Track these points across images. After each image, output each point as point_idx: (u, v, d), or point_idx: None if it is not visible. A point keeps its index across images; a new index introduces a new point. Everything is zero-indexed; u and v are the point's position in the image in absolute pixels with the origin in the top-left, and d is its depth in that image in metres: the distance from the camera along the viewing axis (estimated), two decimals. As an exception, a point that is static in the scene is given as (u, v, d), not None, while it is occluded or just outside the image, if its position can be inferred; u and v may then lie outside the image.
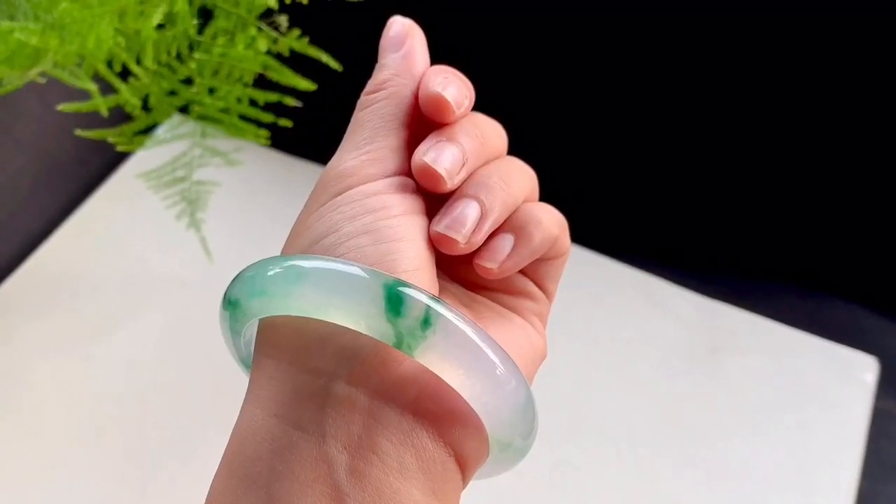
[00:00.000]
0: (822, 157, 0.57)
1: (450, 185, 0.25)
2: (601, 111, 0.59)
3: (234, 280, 0.24)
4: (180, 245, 0.53)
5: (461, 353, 0.22)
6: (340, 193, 0.24)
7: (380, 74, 0.27)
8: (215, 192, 0.46)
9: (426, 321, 0.21)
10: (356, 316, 0.22)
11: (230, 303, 0.24)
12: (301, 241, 0.24)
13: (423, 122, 0.26)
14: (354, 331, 0.22)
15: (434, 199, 0.26)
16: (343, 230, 0.23)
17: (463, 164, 0.25)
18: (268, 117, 0.44)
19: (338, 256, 0.23)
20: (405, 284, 0.22)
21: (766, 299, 0.59)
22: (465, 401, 0.22)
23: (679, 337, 0.57)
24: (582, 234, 0.61)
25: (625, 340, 0.56)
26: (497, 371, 0.22)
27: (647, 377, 0.55)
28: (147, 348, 0.54)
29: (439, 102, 0.25)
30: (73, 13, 0.40)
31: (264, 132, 0.44)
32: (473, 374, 0.22)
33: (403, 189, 0.25)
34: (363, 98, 0.27)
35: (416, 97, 0.26)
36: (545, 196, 0.27)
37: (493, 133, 0.27)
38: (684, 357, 0.56)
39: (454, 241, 0.24)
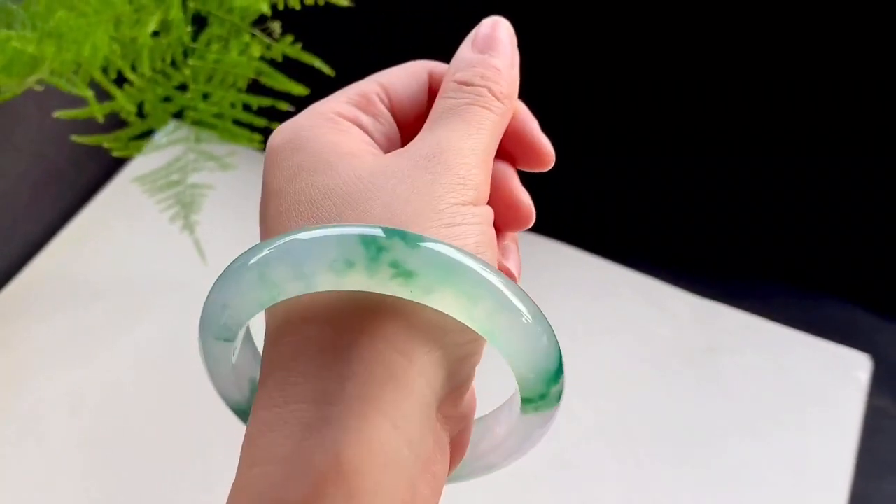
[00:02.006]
0: (815, 157, 0.57)
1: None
2: (597, 113, 0.60)
3: (399, 239, 0.20)
4: (178, 249, 0.53)
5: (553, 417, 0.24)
6: (477, 205, 0.23)
7: (500, 81, 0.25)
8: (209, 195, 0.47)
9: (560, 394, 0.23)
10: (530, 368, 0.22)
11: (395, 265, 0.20)
12: (447, 233, 0.22)
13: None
14: (466, 360, 0.22)
15: None
16: (486, 256, 0.23)
17: None
18: (261, 122, 0.44)
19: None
20: (562, 358, 0.23)
21: (761, 299, 0.59)
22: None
23: (675, 337, 0.57)
24: (579, 237, 0.61)
25: (622, 340, 0.57)
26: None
27: (643, 377, 0.55)
28: (147, 352, 0.55)
29: (551, 159, 0.27)
30: (70, 22, 0.40)
31: (258, 136, 0.45)
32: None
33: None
34: (485, 93, 0.25)
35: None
36: (544, 198, 0.27)
37: None
38: (681, 357, 0.56)
39: (517, 282, 0.25)
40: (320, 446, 0.20)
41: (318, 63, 0.42)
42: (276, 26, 0.43)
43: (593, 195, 0.63)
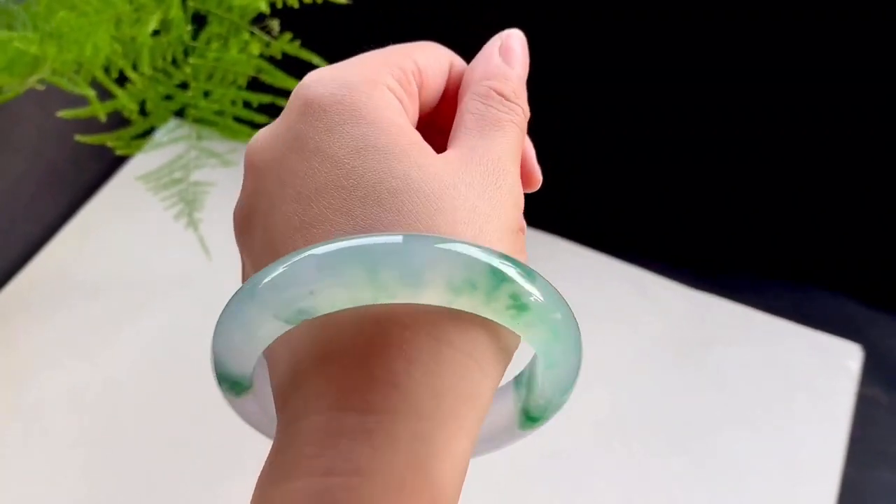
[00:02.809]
0: (806, 151, 0.58)
1: None
2: (594, 109, 0.60)
3: (517, 271, 0.20)
4: (180, 246, 0.54)
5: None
6: (524, 230, 0.24)
7: (524, 104, 0.25)
8: (211, 192, 0.47)
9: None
10: (559, 391, 0.23)
11: (515, 297, 0.20)
12: (505, 246, 0.22)
13: None
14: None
15: None
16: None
17: None
18: (262, 119, 0.45)
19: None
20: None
21: (754, 291, 0.60)
22: None
23: (669, 329, 0.58)
24: (574, 230, 0.62)
25: (616, 333, 0.57)
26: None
27: (637, 368, 0.56)
28: (149, 349, 0.55)
29: (538, 185, 0.27)
30: (71, 22, 0.41)
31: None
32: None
33: None
34: (521, 116, 0.25)
35: None
36: (538, 192, 0.28)
37: None
38: (674, 348, 0.57)
39: None
40: (416, 462, 0.19)
41: (316, 60, 0.42)
42: (274, 24, 0.44)
43: (588, 189, 0.64)
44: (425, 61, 0.25)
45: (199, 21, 0.44)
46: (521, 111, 0.25)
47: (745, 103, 0.57)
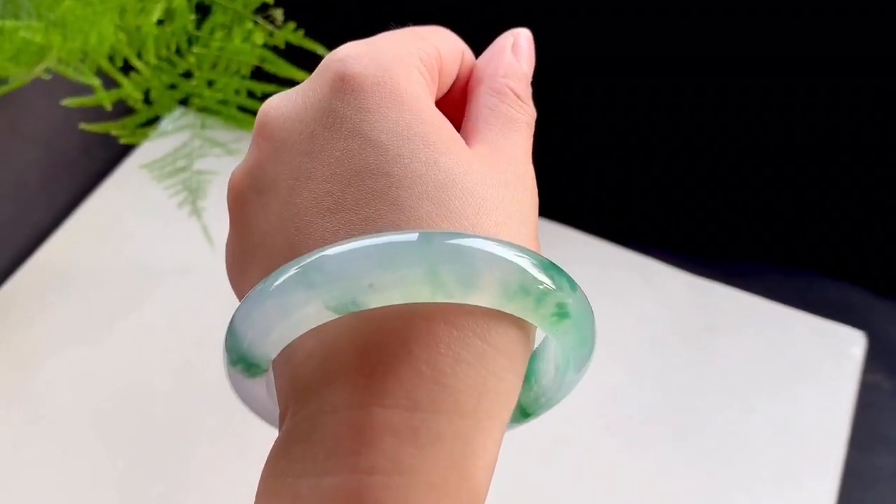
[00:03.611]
0: (810, 138, 0.58)
1: None
2: (597, 98, 0.60)
3: (553, 276, 0.20)
4: (185, 234, 0.54)
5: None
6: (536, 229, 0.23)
7: (530, 95, 0.25)
8: (215, 180, 0.47)
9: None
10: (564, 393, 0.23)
11: (561, 306, 0.20)
12: (532, 248, 0.22)
13: None
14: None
15: None
16: None
17: None
18: (265, 108, 0.45)
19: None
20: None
21: (757, 278, 0.60)
22: None
23: (672, 316, 0.58)
24: (576, 218, 0.62)
25: (619, 320, 0.58)
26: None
27: (640, 355, 0.56)
28: (155, 335, 0.56)
29: None
30: (76, 11, 0.41)
31: (263, 122, 0.45)
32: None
33: None
34: (531, 116, 0.25)
35: None
36: (540, 180, 0.28)
37: None
38: (677, 335, 0.57)
39: None
40: (453, 461, 0.19)
41: (320, 50, 0.42)
42: (278, 14, 0.44)
43: (590, 176, 0.64)
44: (445, 47, 0.24)
45: (202, 10, 0.44)
46: (531, 112, 0.25)
47: (748, 90, 0.57)
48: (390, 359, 0.19)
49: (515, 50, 0.26)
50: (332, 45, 0.24)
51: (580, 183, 0.63)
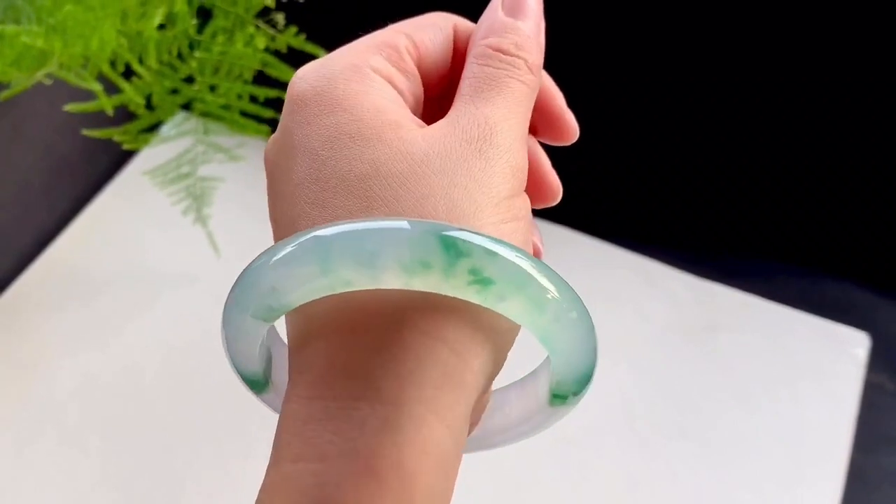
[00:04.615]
0: (812, 137, 0.58)
1: None
2: (596, 98, 0.60)
3: (477, 241, 0.20)
4: (188, 239, 0.54)
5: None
6: (520, 195, 0.22)
7: (535, 52, 0.24)
8: (219, 187, 0.47)
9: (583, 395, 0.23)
10: (573, 368, 0.22)
11: (475, 272, 0.19)
12: (504, 229, 0.21)
13: None
14: (507, 350, 0.22)
15: None
16: (528, 249, 0.22)
17: None
18: (268, 112, 0.45)
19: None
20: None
21: (759, 278, 0.60)
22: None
23: (675, 316, 0.58)
24: (577, 219, 0.62)
25: (621, 321, 0.58)
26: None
27: (643, 355, 0.56)
28: (159, 340, 0.56)
29: (575, 133, 0.26)
30: (77, 16, 0.41)
31: (265, 127, 0.46)
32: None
33: None
34: (520, 64, 0.23)
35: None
36: None
37: None
38: (680, 336, 0.57)
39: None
40: (380, 448, 0.19)
41: (322, 53, 0.42)
42: (279, 18, 0.44)
43: (591, 177, 0.64)
44: (417, 32, 0.24)
45: (204, 15, 0.44)
46: (523, 63, 0.23)
47: (751, 89, 0.57)
48: (313, 353, 0.20)
49: (508, 6, 0.24)
50: (333, 49, 0.25)
51: (581, 184, 0.63)
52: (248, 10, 0.44)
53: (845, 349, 0.56)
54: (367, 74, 0.22)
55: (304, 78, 0.23)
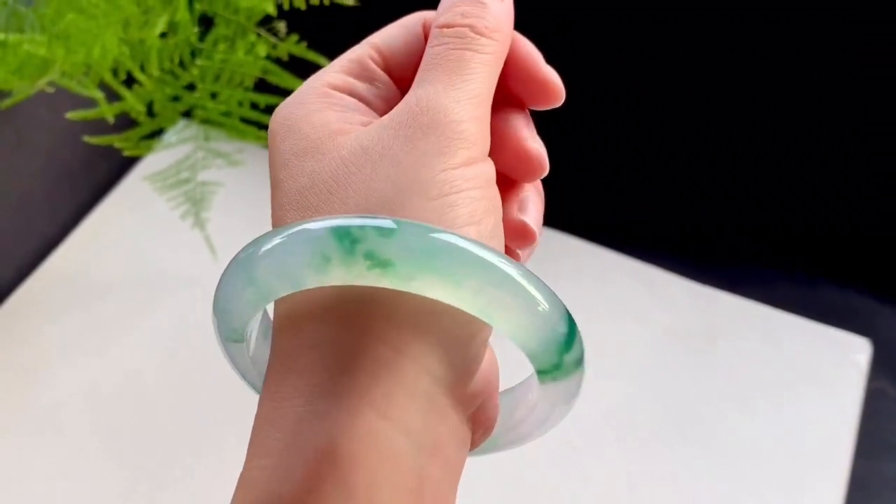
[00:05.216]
0: (813, 144, 0.58)
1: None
2: (598, 104, 0.60)
3: (372, 225, 0.20)
4: (189, 245, 0.54)
5: (577, 392, 0.22)
6: (470, 165, 0.21)
7: (486, 15, 0.23)
8: (219, 192, 0.48)
9: (579, 361, 0.22)
10: (533, 338, 0.21)
11: (371, 255, 0.19)
12: (435, 206, 0.21)
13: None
14: (466, 341, 0.21)
15: None
16: (483, 225, 0.21)
17: None
18: (268, 119, 0.45)
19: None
20: (573, 321, 0.21)
21: (761, 285, 0.60)
22: (496, 407, 0.23)
23: (676, 323, 0.58)
24: (578, 225, 0.62)
25: (623, 327, 0.58)
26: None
27: (645, 362, 0.56)
28: (159, 345, 0.56)
29: (559, 93, 0.24)
30: (79, 24, 0.41)
31: (265, 134, 0.46)
32: (568, 409, 0.23)
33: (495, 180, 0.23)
34: (471, 35, 0.23)
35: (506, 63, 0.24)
36: (544, 190, 0.26)
37: None
38: (681, 342, 0.57)
39: (534, 236, 0.24)
40: (313, 441, 0.19)
41: (322, 61, 0.43)
42: (281, 26, 0.44)
43: (592, 183, 0.64)
44: (382, 38, 0.24)
45: (206, 23, 0.44)
46: (468, 31, 0.23)
47: (752, 94, 0.57)
48: (274, 359, 0.21)
49: None
50: (334, 57, 0.25)
51: (583, 192, 0.63)
52: (249, 19, 0.44)
53: (846, 355, 0.56)
54: (323, 93, 0.23)
55: (276, 111, 0.23)
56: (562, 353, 0.21)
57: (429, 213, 0.20)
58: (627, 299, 0.59)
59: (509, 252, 0.24)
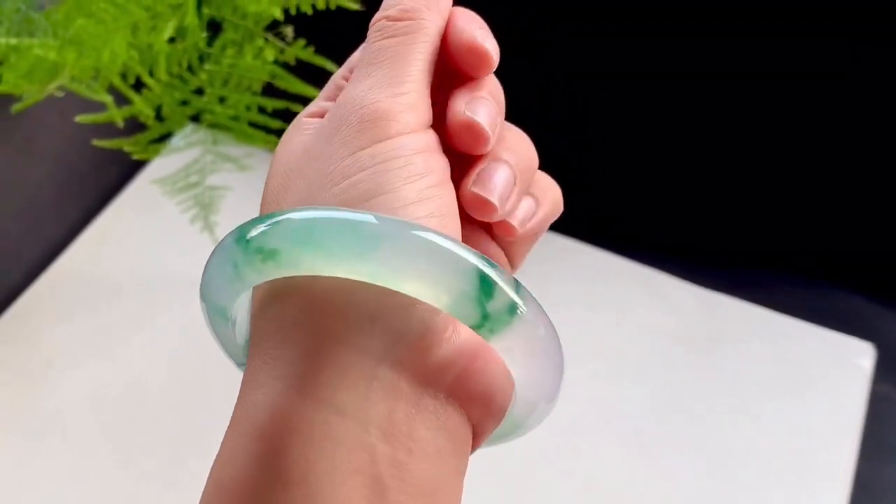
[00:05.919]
0: (817, 147, 0.58)
1: (490, 146, 0.23)
2: (602, 107, 0.60)
3: (262, 223, 0.20)
4: (197, 249, 0.54)
5: (539, 346, 0.21)
6: (380, 141, 0.22)
7: (395, 4, 0.24)
8: (227, 196, 0.48)
9: (512, 307, 0.20)
10: (442, 290, 0.20)
11: (260, 250, 0.20)
12: (337, 191, 0.21)
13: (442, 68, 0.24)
14: (401, 311, 0.20)
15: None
16: (398, 193, 0.21)
17: (497, 124, 0.24)
18: (276, 123, 0.46)
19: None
20: (495, 266, 0.20)
21: (764, 289, 0.60)
22: (495, 382, 0.22)
23: (680, 327, 0.58)
24: (583, 229, 0.62)
25: (626, 331, 0.58)
26: (563, 373, 0.22)
27: (648, 365, 0.56)
28: (167, 348, 0.56)
29: (485, 57, 0.24)
30: (89, 29, 0.42)
31: (273, 138, 0.46)
32: (545, 370, 0.22)
33: (438, 149, 0.23)
34: (385, 24, 0.24)
35: (441, 38, 0.24)
36: None
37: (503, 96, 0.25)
38: (685, 346, 0.57)
39: (493, 207, 0.23)
40: (249, 429, 0.21)
41: (330, 66, 0.43)
42: (288, 30, 0.44)
43: (596, 187, 0.64)
44: (356, 56, 0.26)
45: (214, 28, 0.45)
46: (381, 23, 0.24)
47: (756, 98, 0.57)
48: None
49: None
50: (341, 62, 0.25)
51: (587, 195, 0.64)
52: (257, 23, 0.44)
53: (850, 360, 0.56)
54: (296, 125, 0.25)
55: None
56: (481, 303, 0.20)
57: (333, 197, 0.21)
58: (631, 303, 0.59)
59: (473, 225, 0.24)
